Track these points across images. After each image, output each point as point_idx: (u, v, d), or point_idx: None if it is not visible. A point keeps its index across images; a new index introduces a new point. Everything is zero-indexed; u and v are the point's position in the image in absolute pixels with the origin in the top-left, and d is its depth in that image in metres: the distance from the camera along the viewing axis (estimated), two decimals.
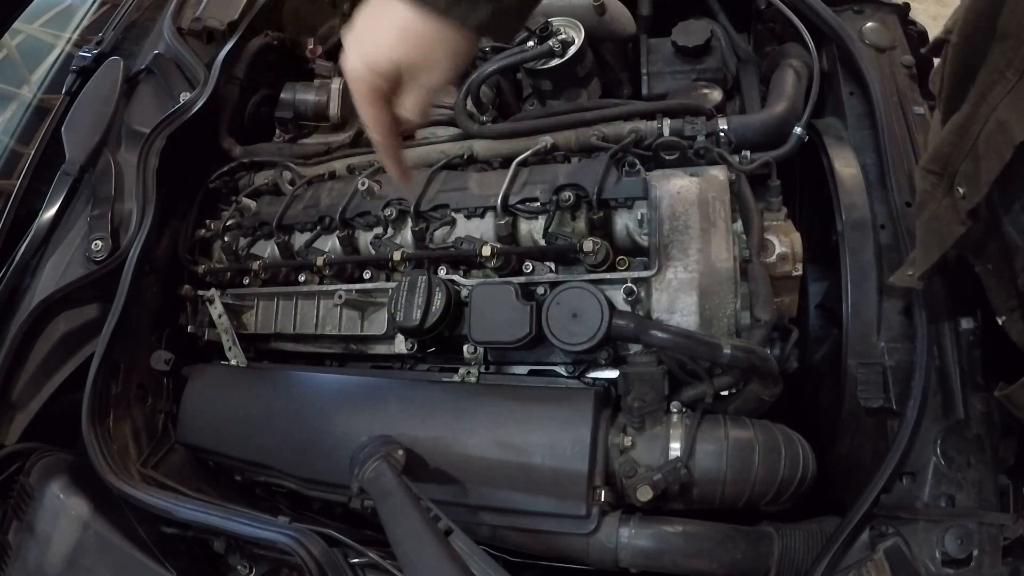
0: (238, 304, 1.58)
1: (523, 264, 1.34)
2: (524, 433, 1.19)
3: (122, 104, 1.65)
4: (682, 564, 1.14)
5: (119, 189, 1.54)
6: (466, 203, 1.40)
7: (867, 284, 1.27)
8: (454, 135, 1.61)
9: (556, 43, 1.53)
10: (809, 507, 1.30)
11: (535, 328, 1.21)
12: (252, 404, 1.46)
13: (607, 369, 1.28)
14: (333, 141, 1.72)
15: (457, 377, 1.33)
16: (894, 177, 1.30)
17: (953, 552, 0.99)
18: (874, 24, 1.55)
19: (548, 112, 1.59)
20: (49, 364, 1.43)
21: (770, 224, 1.32)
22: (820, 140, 1.45)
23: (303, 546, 1.07)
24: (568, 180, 1.33)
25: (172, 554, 1.23)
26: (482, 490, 1.19)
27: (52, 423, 1.40)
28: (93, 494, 1.28)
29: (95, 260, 1.46)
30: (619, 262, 1.29)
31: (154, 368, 1.55)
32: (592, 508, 1.14)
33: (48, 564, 1.21)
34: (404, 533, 0.96)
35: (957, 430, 1.09)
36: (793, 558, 1.13)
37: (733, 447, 1.15)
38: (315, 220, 1.53)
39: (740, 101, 1.71)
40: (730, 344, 1.12)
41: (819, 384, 1.48)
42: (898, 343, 1.21)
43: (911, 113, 1.40)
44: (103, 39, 1.84)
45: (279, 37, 1.88)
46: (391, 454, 1.11)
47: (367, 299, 1.43)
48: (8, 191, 1.64)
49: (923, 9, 3.13)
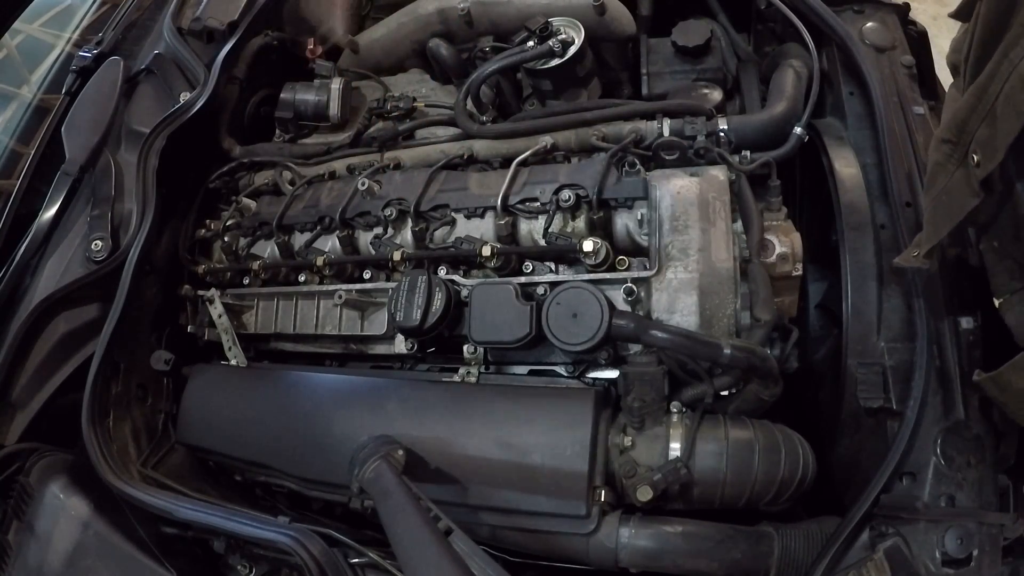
0: (238, 304, 1.58)
1: (523, 264, 1.34)
2: (524, 433, 1.19)
3: (122, 104, 1.65)
4: (682, 564, 1.14)
5: (119, 189, 1.54)
6: (466, 203, 1.41)
7: (867, 284, 1.27)
8: (454, 135, 1.62)
9: (556, 43, 1.53)
10: (809, 507, 1.31)
11: (535, 328, 1.21)
12: (252, 404, 1.46)
13: (607, 369, 1.28)
14: (333, 141, 1.73)
15: (457, 377, 1.33)
16: (894, 177, 1.30)
17: (953, 552, 0.99)
18: (874, 24, 1.55)
19: (548, 112, 1.59)
20: (49, 364, 1.43)
21: (770, 224, 1.32)
22: (820, 140, 1.45)
23: (303, 546, 1.07)
24: (568, 180, 1.33)
25: (172, 554, 1.23)
26: (482, 490, 1.19)
27: (52, 423, 1.41)
28: (93, 494, 1.28)
29: (95, 260, 1.46)
30: (619, 262, 1.29)
31: (154, 368, 1.55)
32: (592, 508, 1.15)
33: (48, 564, 1.21)
34: (404, 533, 0.96)
35: (957, 430, 1.09)
36: (793, 558, 1.13)
37: (733, 447, 1.15)
38: (315, 220, 1.53)
39: (740, 101, 1.71)
40: (730, 344, 1.12)
41: (819, 384, 1.48)
42: (898, 343, 1.21)
43: (911, 113, 1.40)
44: (103, 39, 1.84)
45: (279, 37, 1.88)
46: (391, 454, 1.11)
47: (367, 299, 1.43)
48: (8, 191, 1.64)
49: (923, 9, 3.12)
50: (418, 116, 1.71)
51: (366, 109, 1.73)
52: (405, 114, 1.70)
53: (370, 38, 1.94)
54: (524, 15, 1.70)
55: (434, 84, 1.83)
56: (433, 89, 1.81)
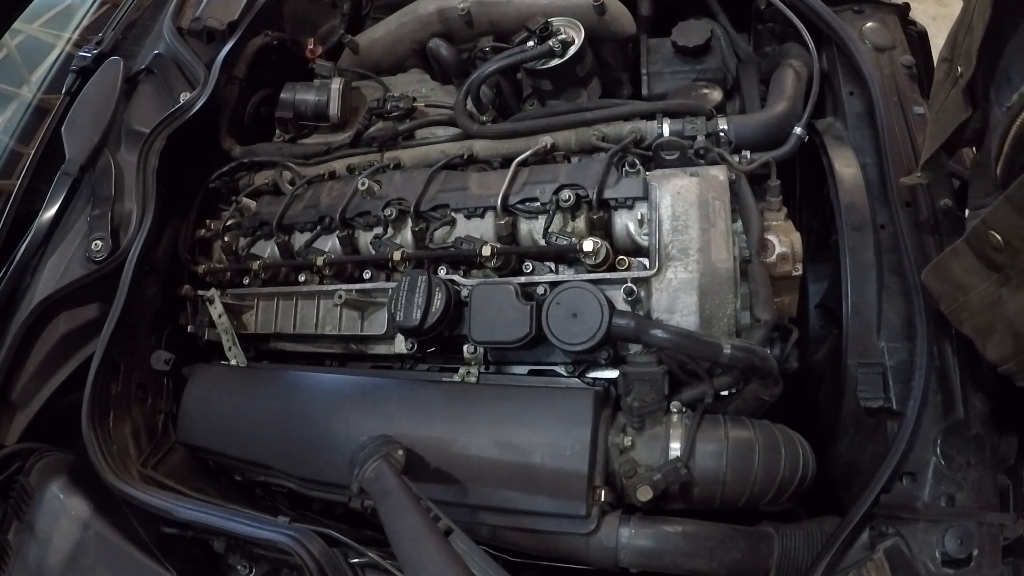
0: (238, 304, 1.58)
1: (523, 264, 1.34)
2: (524, 433, 1.19)
3: (122, 104, 1.65)
4: (682, 564, 1.14)
5: (119, 189, 1.54)
6: (466, 203, 1.41)
7: (867, 284, 1.27)
8: (454, 135, 1.62)
9: (556, 43, 1.53)
10: (809, 507, 1.30)
11: (535, 328, 1.21)
12: (252, 404, 1.46)
13: (607, 369, 1.28)
14: (333, 141, 1.72)
15: (457, 377, 1.33)
16: (894, 177, 1.29)
17: (953, 552, 0.99)
18: (874, 24, 1.55)
19: (548, 112, 1.59)
20: (49, 364, 1.43)
21: (770, 224, 1.32)
22: (820, 140, 1.45)
23: (303, 546, 1.08)
24: (568, 180, 1.33)
25: (172, 554, 1.24)
26: (482, 490, 1.19)
27: (52, 423, 1.41)
28: (93, 494, 1.28)
29: (95, 260, 1.46)
30: (619, 262, 1.29)
31: (154, 368, 1.55)
32: (592, 508, 1.15)
33: (48, 564, 1.21)
34: (404, 533, 0.96)
35: (957, 430, 1.09)
36: (793, 558, 1.13)
37: (733, 447, 1.15)
38: (315, 220, 1.53)
39: (740, 101, 1.71)
40: (730, 344, 1.12)
41: (819, 384, 1.48)
42: (898, 343, 1.21)
43: (911, 113, 1.40)
44: (103, 39, 1.84)
45: (279, 37, 1.88)
46: (391, 454, 1.11)
47: (367, 299, 1.43)
48: (8, 191, 1.64)
49: (923, 9, 3.13)
50: (418, 116, 1.70)
51: (366, 109, 1.73)
52: (405, 114, 1.70)
53: (370, 38, 1.94)
54: (524, 15, 1.69)
55: (434, 84, 1.83)
56: (433, 89, 1.81)
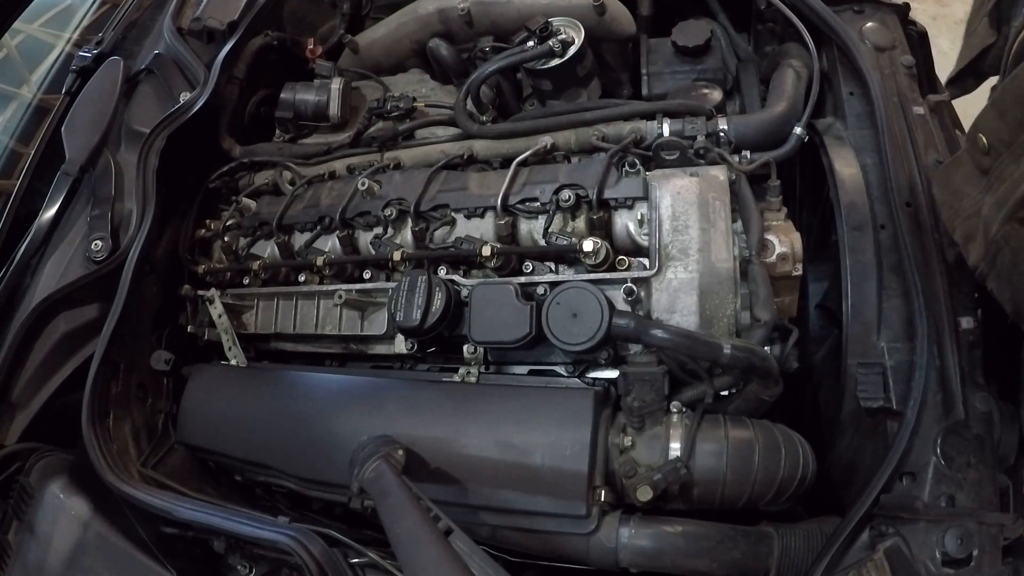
0: (238, 304, 1.58)
1: (523, 264, 1.34)
2: (524, 433, 1.19)
3: (122, 104, 1.65)
4: (682, 564, 1.14)
5: (119, 189, 1.54)
6: (466, 203, 1.40)
7: (867, 284, 1.27)
8: (454, 135, 1.62)
9: (556, 43, 1.53)
10: (809, 507, 1.30)
11: (535, 328, 1.21)
12: (252, 404, 1.46)
13: (607, 369, 1.28)
14: (333, 141, 1.72)
15: (457, 377, 1.33)
16: (894, 177, 1.29)
17: (953, 552, 0.99)
18: (874, 24, 1.55)
19: (548, 112, 1.59)
20: (49, 364, 1.43)
21: (770, 224, 1.32)
22: (820, 140, 1.45)
23: (303, 546, 1.07)
24: (568, 180, 1.33)
25: (172, 554, 1.24)
26: (482, 490, 1.19)
27: (52, 423, 1.41)
28: (93, 494, 1.28)
29: (95, 260, 1.46)
30: (619, 262, 1.29)
31: (154, 368, 1.55)
32: (592, 508, 1.15)
33: (48, 564, 1.21)
34: (404, 533, 0.96)
35: (957, 430, 1.09)
36: (793, 558, 1.13)
37: (733, 447, 1.15)
38: (315, 220, 1.53)
39: (740, 101, 1.71)
40: (730, 344, 1.12)
41: (819, 384, 1.48)
42: (898, 343, 1.21)
43: (911, 113, 1.39)
44: (103, 39, 1.84)
45: (279, 37, 1.88)
46: (391, 454, 1.11)
47: (367, 299, 1.43)
48: (8, 191, 1.64)
49: (923, 9, 3.12)
50: (418, 116, 1.70)
51: (366, 109, 1.73)
52: (405, 114, 1.70)
53: (370, 38, 1.94)
54: (524, 15, 1.69)
55: (434, 84, 1.83)
56: (433, 89, 1.81)
